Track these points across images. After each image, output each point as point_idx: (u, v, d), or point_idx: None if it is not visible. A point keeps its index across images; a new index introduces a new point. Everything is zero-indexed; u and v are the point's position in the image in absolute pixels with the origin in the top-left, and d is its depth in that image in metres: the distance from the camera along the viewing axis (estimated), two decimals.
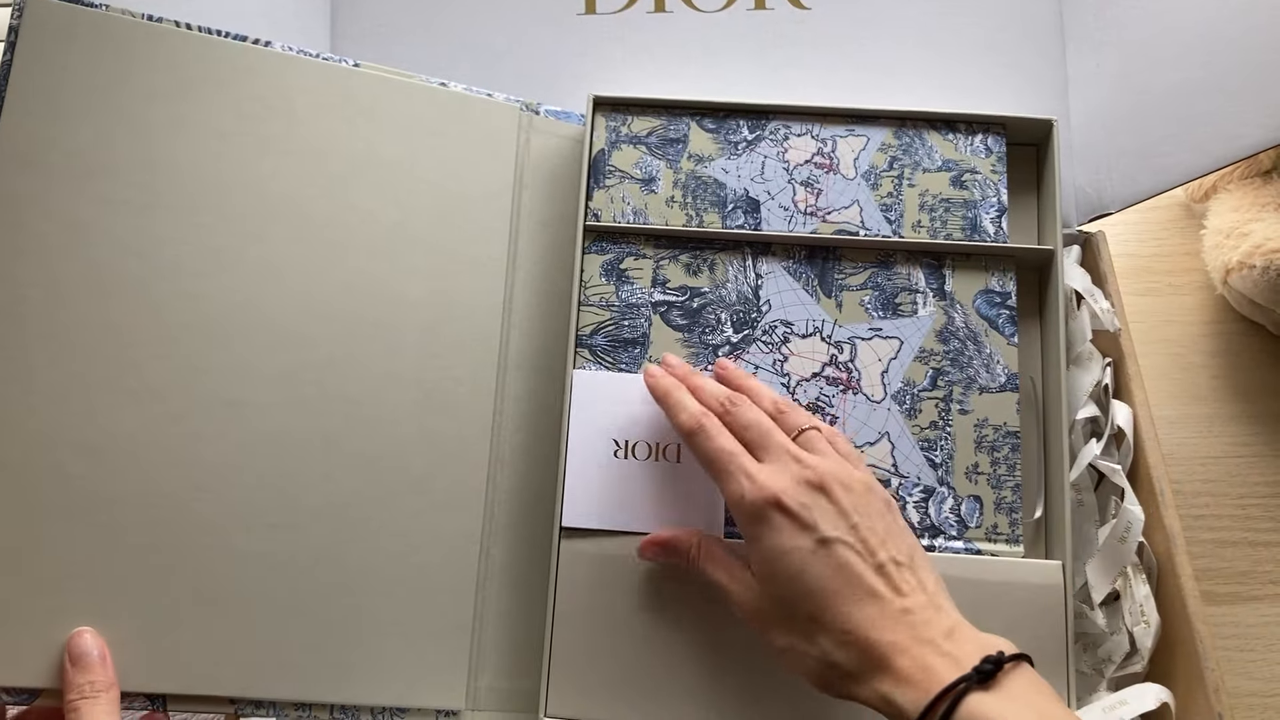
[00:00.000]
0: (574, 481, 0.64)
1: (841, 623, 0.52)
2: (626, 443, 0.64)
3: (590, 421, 0.64)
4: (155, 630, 0.61)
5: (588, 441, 0.64)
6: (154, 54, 0.67)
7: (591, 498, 0.63)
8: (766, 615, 0.55)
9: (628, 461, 0.63)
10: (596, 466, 0.63)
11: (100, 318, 0.63)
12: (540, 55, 0.82)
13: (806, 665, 0.53)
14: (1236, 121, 0.73)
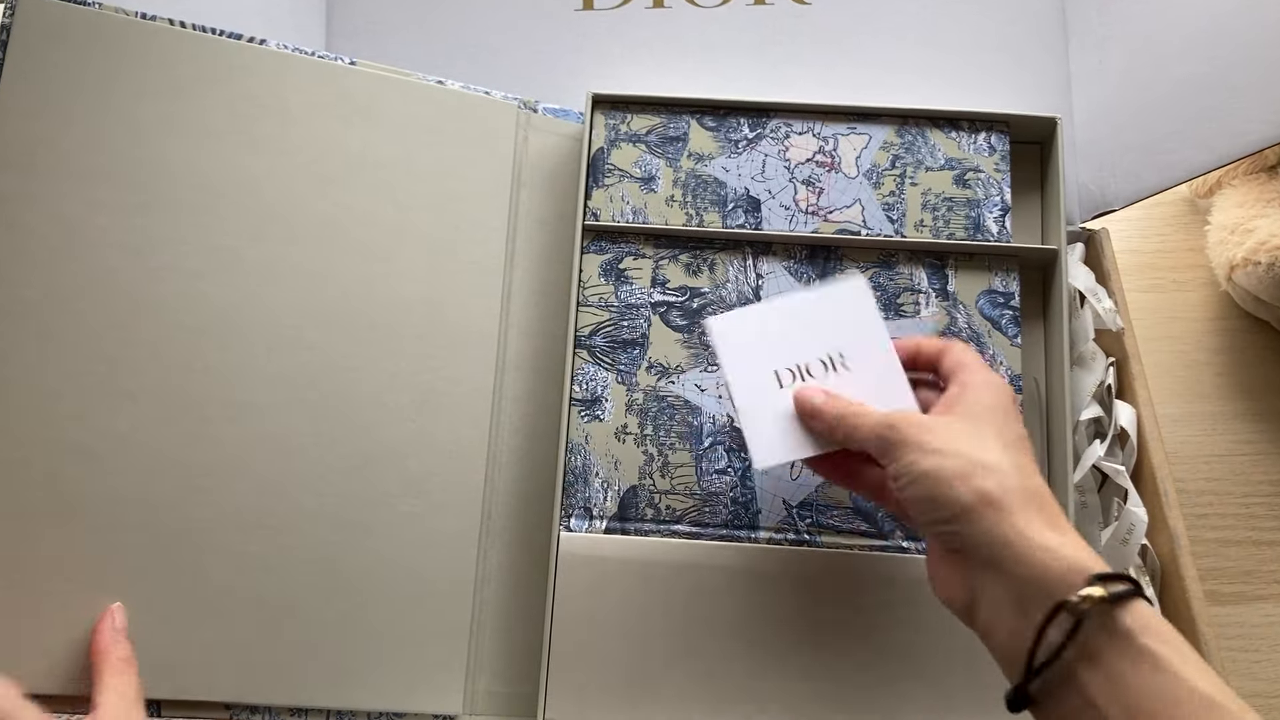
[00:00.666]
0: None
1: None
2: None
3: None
4: (149, 635, 0.60)
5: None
6: (147, 52, 0.66)
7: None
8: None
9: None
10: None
11: (95, 319, 0.63)
12: (538, 52, 0.81)
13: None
14: (1242, 117, 0.72)
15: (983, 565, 0.48)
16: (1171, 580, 0.67)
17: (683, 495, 0.67)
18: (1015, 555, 0.46)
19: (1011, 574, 0.46)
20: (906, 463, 0.51)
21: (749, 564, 0.65)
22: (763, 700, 0.63)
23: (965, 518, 0.48)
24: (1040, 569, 0.45)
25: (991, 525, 0.47)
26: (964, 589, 0.50)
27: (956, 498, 0.48)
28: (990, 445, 0.50)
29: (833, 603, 0.65)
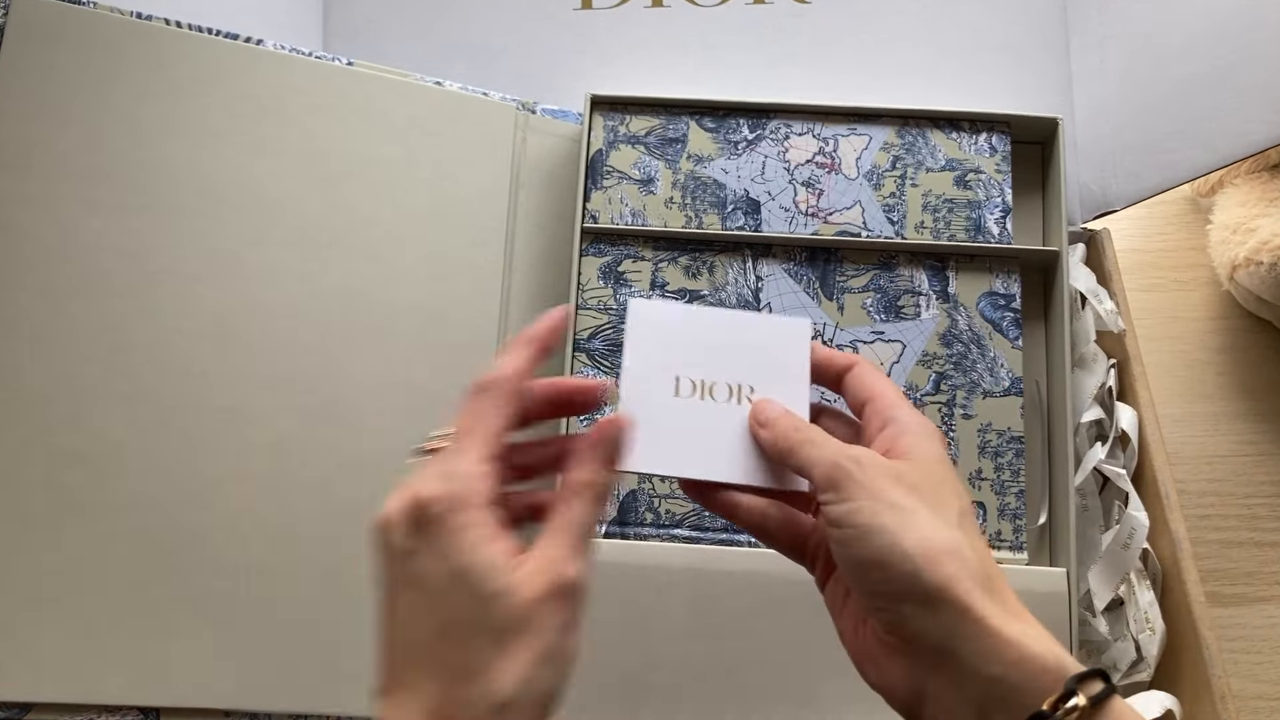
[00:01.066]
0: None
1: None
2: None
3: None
4: (148, 642, 0.60)
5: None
6: (144, 53, 0.65)
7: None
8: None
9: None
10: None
11: (92, 322, 0.62)
12: (536, 52, 0.81)
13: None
14: (1244, 117, 0.72)
15: (934, 660, 0.40)
16: (1173, 583, 0.67)
17: (682, 500, 0.67)
18: (977, 652, 0.39)
19: (972, 675, 0.39)
20: (858, 509, 0.42)
21: (748, 568, 0.65)
22: (763, 704, 0.63)
23: (919, 603, 0.40)
24: (1008, 670, 0.39)
25: (951, 619, 0.40)
26: (906, 682, 0.42)
27: (914, 577, 0.40)
28: (950, 515, 0.43)
29: None
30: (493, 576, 0.38)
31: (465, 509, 0.39)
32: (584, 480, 0.43)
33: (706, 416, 0.51)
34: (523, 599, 0.38)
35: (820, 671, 0.64)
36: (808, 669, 0.64)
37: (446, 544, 0.39)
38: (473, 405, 0.44)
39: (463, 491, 0.40)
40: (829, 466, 0.44)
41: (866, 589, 0.42)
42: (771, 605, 0.64)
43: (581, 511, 0.42)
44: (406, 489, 0.40)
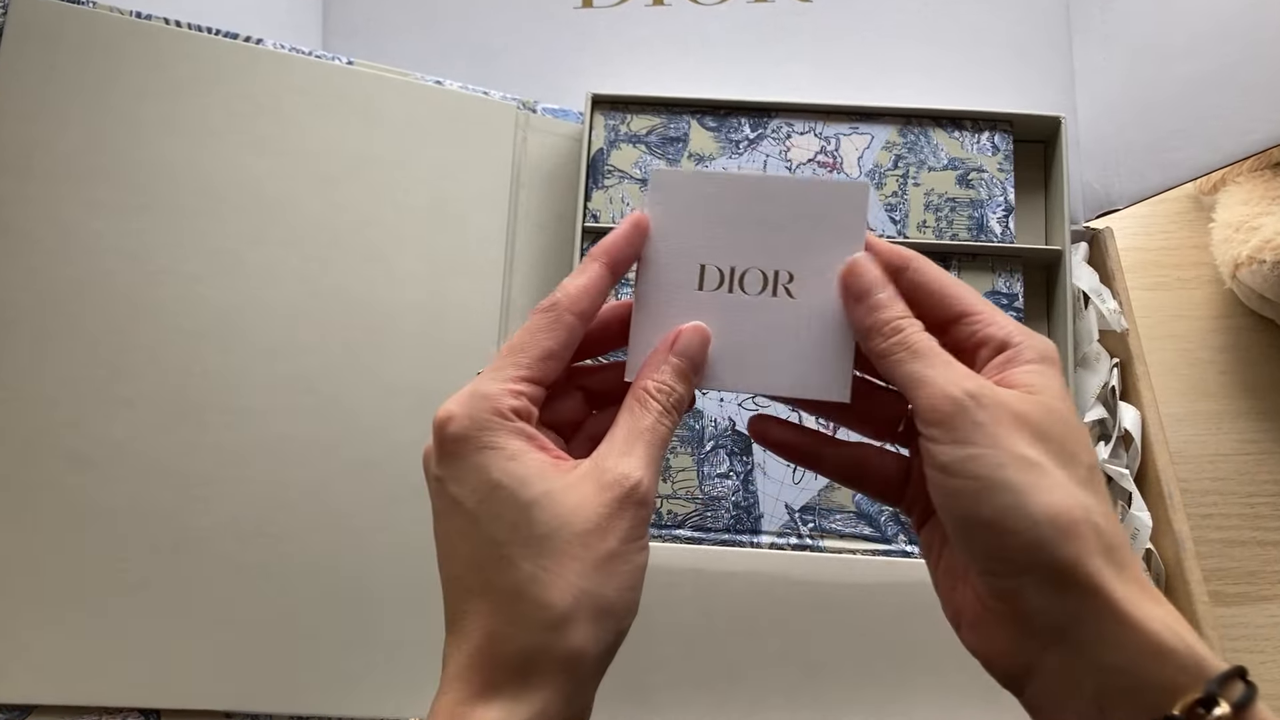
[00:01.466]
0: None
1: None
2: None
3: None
4: (148, 643, 0.60)
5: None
6: (143, 52, 0.65)
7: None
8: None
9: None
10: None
11: (92, 323, 0.62)
12: (537, 51, 0.81)
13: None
14: (1247, 116, 0.72)
15: (1052, 638, 0.35)
16: (1176, 583, 0.66)
17: (684, 500, 0.67)
18: (1102, 639, 0.34)
19: (1094, 663, 0.34)
20: (975, 456, 0.35)
21: (751, 568, 0.65)
22: (765, 705, 0.63)
23: (1041, 578, 0.34)
24: (1135, 661, 0.33)
25: (1076, 599, 0.34)
26: (1012, 653, 0.36)
27: (1039, 549, 0.34)
28: (1079, 471, 0.36)
29: (835, 607, 0.64)
30: (530, 484, 0.36)
31: (488, 426, 0.37)
32: (652, 386, 0.39)
33: (736, 313, 0.42)
34: (569, 504, 0.36)
35: (824, 672, 0.64)
36: (811, 669, 0.64)
37: (474, 462, 0.36)
38: (527, 325, 0.40)
39: (484, 409, 0.37)
40: (942, 397, 0.36)
41: (978, 551, 0.36)
42: (775, 605, 0.64)
43: (647, 417, 0.39)
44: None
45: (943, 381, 0.36)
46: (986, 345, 0.39)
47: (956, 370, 0.37)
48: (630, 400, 0.39)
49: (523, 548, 0.35)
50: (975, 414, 0.35)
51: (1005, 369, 0.38)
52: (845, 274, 0.40)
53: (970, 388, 0.36)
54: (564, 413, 0.43)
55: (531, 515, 0.35)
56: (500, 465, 0.36)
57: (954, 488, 0.35)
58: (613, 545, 0.36)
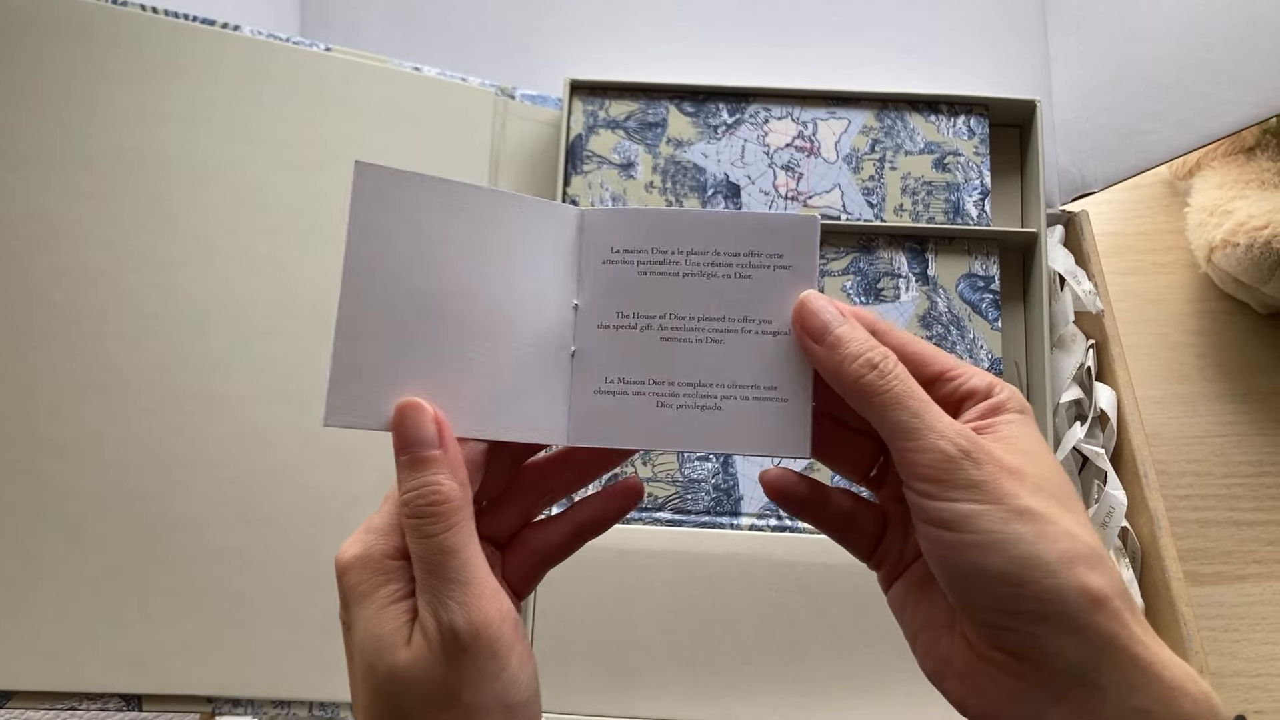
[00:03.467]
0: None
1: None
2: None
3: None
4: (128, 629, 0.60)
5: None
6: (119, 39, 0.65)
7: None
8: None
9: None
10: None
11: (69, 310, 0.62)
12: (515, 37, 0.81)
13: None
14: (1220, 99, 0.72)
15: (1066, 687, 0.34)
16: (1151, 562, 0.67)
17: (664, 483, 0.67)
18: (1124, 682, 0.33)
19: (1115, 707, 0.33)
20: (980, 513, 0.34)
21: (732, 550, 0.65)
22: (746, 687, 0.63)
23: (1060, 624, 0.33)
24: (1155, 705, 0.33)
25: (1098, 642, 0.33)
26: (1015, 707, 0.35)
27: (1058, 595, 0.33)
28: (1080, 516, 0.35)
29: (816, 588, 0.65)
30: (379, 659, 0.34)
31: (363, 584, 0.36)
32: (407, 504, 0.36)
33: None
34: (416, 674, 0.34)
35: (804, 652, 0.64)
36: (791, 649, 0.64)
37: (351, 618, 0.36)
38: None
39: (367, 560, 0.36)
40: (935, 452, 0.35)
41: (983, 603, 0.34)
42: (754, 587, 0.65)
43: (423, 544, 0.35)
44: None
45: (934, 435, 0.35)
46: (972, 398, 0.38)
47: (944, 421, 0.35)
48: (406, 524, 0.36)
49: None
50: (971, 471, 0.34)
51: (988, 417, 0.37)
52: (798, 312, 0.38)
53: (963, 444, 0.35)
54: (506, 520, 0.41)
55: (393, 692, 0.34)
56: (358, 636, 0.35)
57: (956, 542, 0.34)
58: (470, 699, 0.34)
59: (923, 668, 0.39)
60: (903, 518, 0.41)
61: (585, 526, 0.42)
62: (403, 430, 0.36)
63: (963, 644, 0.37)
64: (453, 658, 0.34)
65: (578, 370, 0.39)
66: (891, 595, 0.41)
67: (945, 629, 0.38)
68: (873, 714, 0.63)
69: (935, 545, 0.35)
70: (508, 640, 0.35)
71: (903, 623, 0.40)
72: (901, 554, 0.41)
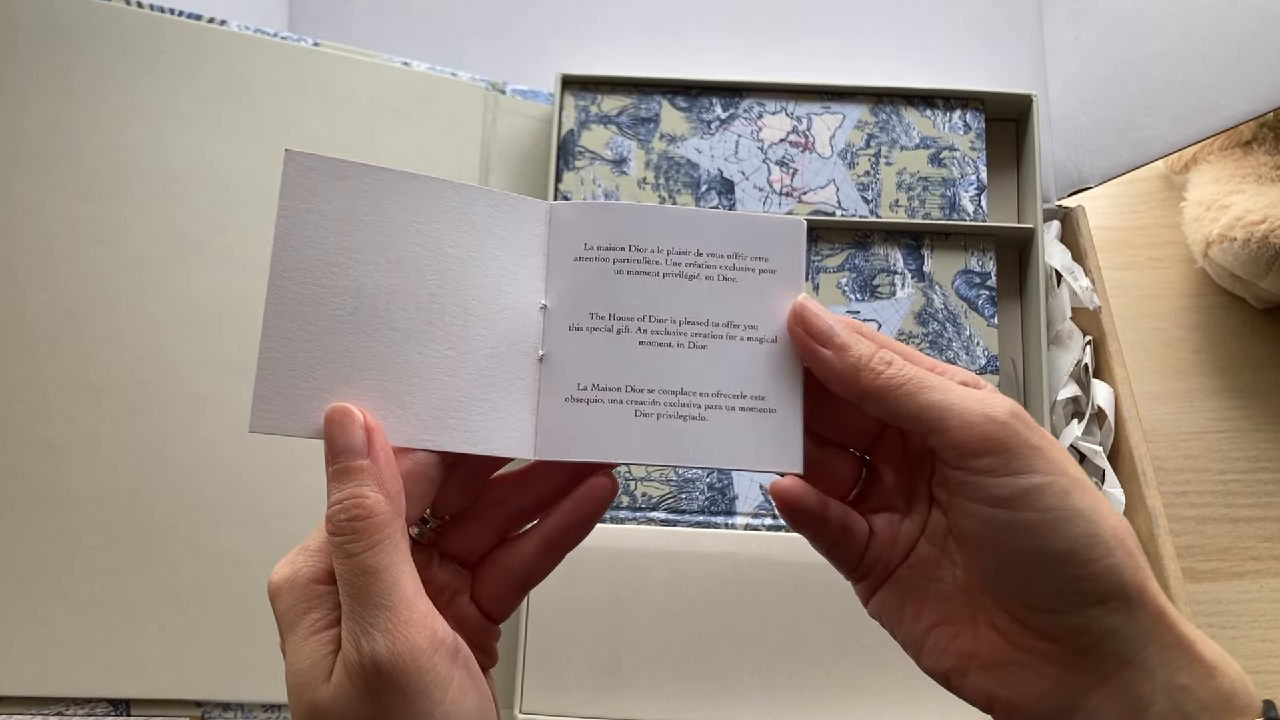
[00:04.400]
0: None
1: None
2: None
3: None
4: (117, 633, 0.59)
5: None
6: (104, 34, 0.64)
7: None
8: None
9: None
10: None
11: (57, 310, 0.61)
12: (506, 31, 0.80)
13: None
14: (1217, 93, 0.72)
15: (1112, 669, 0.33)
16: (1149, 559, 0.66)
17: (659, 482, 0.66)
18: (1170, 661, 0.32)
19: (1162, 686, 0.32)
20: (1043, 485, 0.32)
21: (727, 550, 0.65)
22: (741, 687, 0.63)
23: (1117, 601, 0.32)
24: (1198, 683, 0.32)
25: (1148, 621, 0.32)
26: (1051, 695, 0.34)
27: (1117, 574, 0.32)
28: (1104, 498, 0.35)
29: (811, 587, 0.64)
30: (307, 689, 0.32)
31: (292, 609, 0.33)
32: (331, 517, 0.33)
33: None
34: (334, 716, 0.31)
35: (799, 651, 0.63)
36: (786, 648, 0.63)
37: (284, 646, 0.33)
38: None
39: (295, 585, 0.33)
40: (985, 422, 0.33)
41: (1043, 589, 0.33)
42: (748, 587, 0.64)
43: (344, 562, 0.32)
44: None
45: (975, 405, 0.33)
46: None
47: (976, 393, 0.34)
48: (330, 541, 0.33)
49: None
50: (1029, 436, 0.32)
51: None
52: (799, 317, 0.36)
53: (1009, 406, 0.33)
54: (475, 538, 0.39)
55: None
56: (287, 667, 0.33)
57: (1018, 522, 0.32)
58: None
59: (933, 668, 0.38)
60: (887, 527, 0.40)
61: (556, 538, 0.38)
62: (330, 438, 0.34)
63: (990, 635, 0.36)
64: (375, 693, 0.31)
65: (546, 376, 0.37)
66: (874, 605, 0.41)
67: (965, 623, 0.37)
68: (868, 713, 0.63)
69: (992, 529, 0.33)
70: (440, 672, 0.32)
71: (897, 628, 0.40)
72: (888, 563, 0.40)
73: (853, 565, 0.41)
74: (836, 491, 0.41)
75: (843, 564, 0.41)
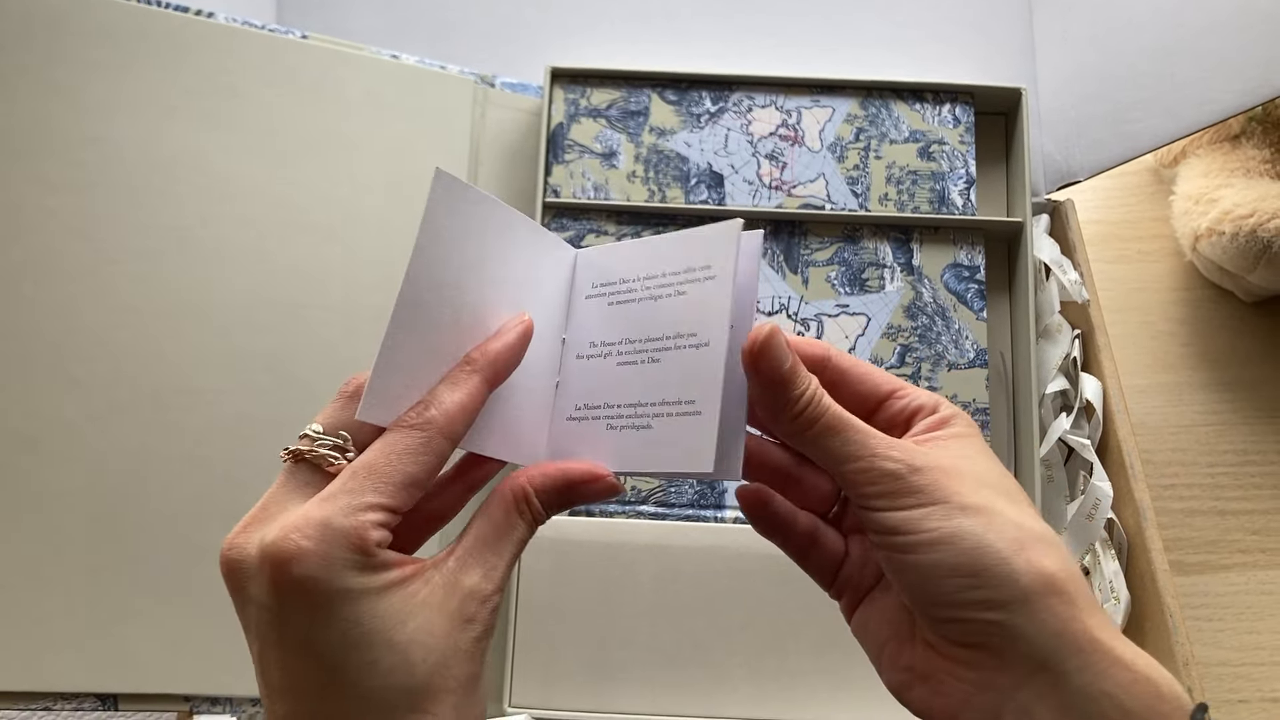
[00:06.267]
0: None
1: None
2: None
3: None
4: (104, 628, 0.59)
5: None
6: (91, 27, 0.64)
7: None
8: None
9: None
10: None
11: (40, 304, 0.61)
12: (495, 24, 0.79)
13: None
14: (1206, 86, 0.72)
15: (1027, 674, 0.34)
16: (1137, 553, 0.67)
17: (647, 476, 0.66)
18: (1086, 667, 0.34)
19: (1078, 693, 0.33)
20: (924, 515, 0.35)
21: (716, 543, 0.65)
22: (730, 680, 0.63)
23: (1018, 605, 0.34)
24: (1118, 691, 0.33)
25: (1057, 624, 0.34)
26: (979, 699, 0.36)
27: (1011, 575, 0.34)
28: (1025, 508, 0.37)
29: (798, 580, 0.64)
30: (398, 628, 0.33)
31: (351, 566, 0.33)
32: (534, 496, 0.38)
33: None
34: (439, 636, 0.33)
35: (787, 644, 0.63)
36: (775, 641, 0.63)
37: (335, 609, 0.33)
38: (390, 442, 0.36)
39: (343, 546, 0.33)
40: (875, 472, 0.36)
41: (943, 600, 0.35)
42: (737, 580, 0.64)
43: (519, 527, 0.37)
44: (262, 526, 0.35)
45: (870, 454, 0.36)
46: (920, 413, 0.39)
47: (880, 439, 0.37)
48: (501, 499, 0.37)
49: (405, 695, 0.33)
50: (912, 479, 0.36)
51: (935, 430, 0.39)
52: (754, 345, 0.36)
53: (899, 455, 0.36)
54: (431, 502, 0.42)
55: (410, 659, 0.33)
56: (369, 611, 0.33)
57: (906, 544, 0.35)
58: (477, 668, 0.34)
59: (888, 683, 0.40)
60: (860, 547, 0.42)
61: (478, 481, 0.42)
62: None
63: (924, 649, 0.38)
64: (485, 626, 0.35)
65: (559, 399, 0.41)
66: (854, 623, 0.42)
67: (907, 640, 0.39)
68: (856, 707, 0.63)
69: (889, 552, 0.36)
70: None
71: (867, 646, 0.41)
72: (860, 582, 0.42)
73: (827, 580, 0.43)
74: (815, 506, 0.43)
75: (817, 576, 0.43)
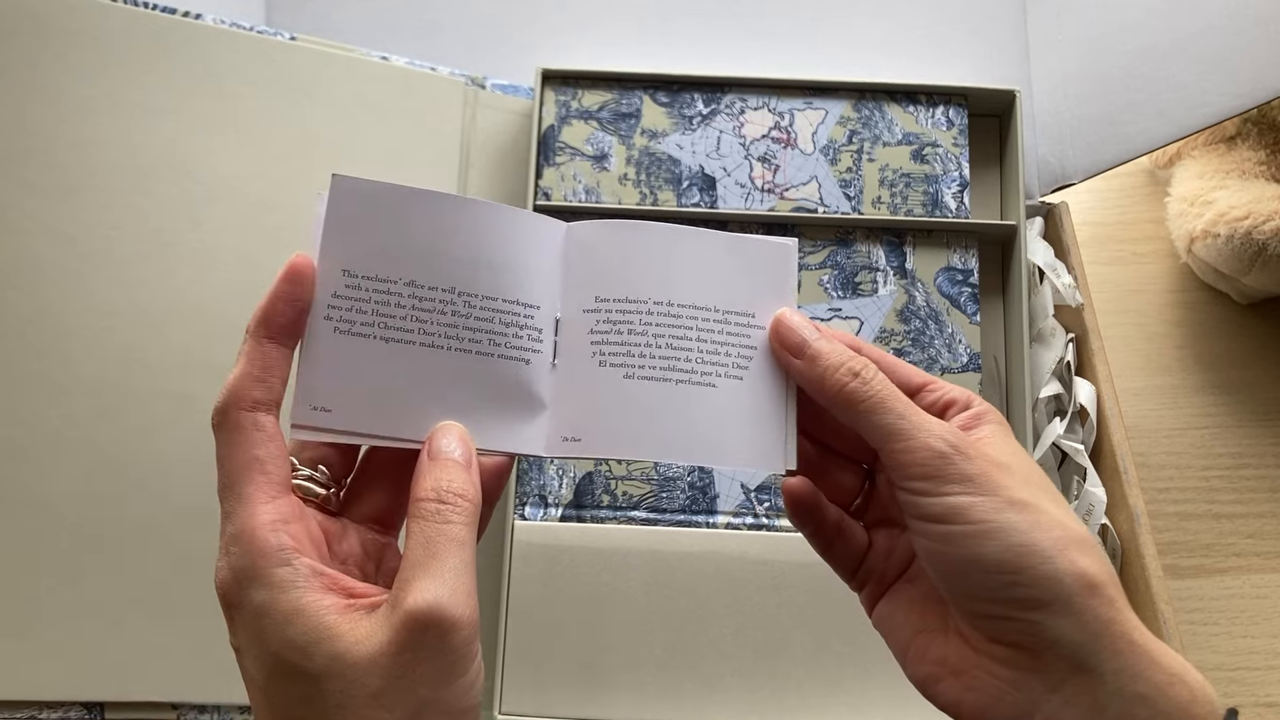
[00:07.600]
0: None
1: None
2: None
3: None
4: (90, 636, 0.59)
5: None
6: (76, 27, 0.63)
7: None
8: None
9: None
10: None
11: (24, 309, 0.60)
12: (486, 25, 0.79)
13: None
14: (1201, 89, 0.72)
15: (1065, 675, 0.34)
16: (1131, 558, 0.66)
17: (639, 481, 0.66)
18: (1124, 669, 0.33)
19: (1115, 694, 0.33)
20: (972, 505, 0.35)
21: (708, 549, 0.64)
22: (722, 686, 0.63)
23: (1060, 606, 0.34)
24: (1154, 692, 0.33)
25: (1096, 626, 0.34)
26: (1011, 701, 0.35)
27: (1055, 575, 0.33)
28: (1067, 509, 0.36)
29: (792, 586, 0.64)
30: (312, 650, 0.31)
31: (257, 579, 0.32)
32: (445, 490, 0.35)
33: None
34: (362, 660, 0.31)
35: (781, 651, 0.63)
36: (768, 648, 0.63)
37: (252, 629, 0.33)
38: (218, 448, 0.36)
39: (246, 557, 0.33)
40: (924, 450, 0.35)
41: (983, 594, 0.35)
42: (729, 585, 0.64)
43: (449, 526, 0.34)
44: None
45: (922, 433, 0.36)
46: (953, 406, 0.39)
47: (930, 420, 0.36)
48: (420, 509, 0.34)
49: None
50: (962, 465, 0.35)
51: (970, 426, 0.38)
52: (775, 328, 0.39)
53: (952, 439, 0.36)
54: (384, 502, 0.40)
55: (322, 688, 0.31)
56: (276, 633, 0.32)
57: (951, 534, 0.35)
58: (424, 694, 0.31)
59: (914, 676, 0.39)
60: (886, 540, 0.42)
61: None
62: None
63: (958, 642, 0.37)
64: (421, 643, 0.32)
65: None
66: (876, 615, 0.42)
67: (938, 632, 0.38)
68: (849, 713, 0.62)
69: (930, 540, 0.36)
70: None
71: (891, 638, 0.41)
72: (884, 574, 0.42)
73: (850, 572, 0.43)
74: (839, 499, 0.43)
75: (840, 568, 0.43)
